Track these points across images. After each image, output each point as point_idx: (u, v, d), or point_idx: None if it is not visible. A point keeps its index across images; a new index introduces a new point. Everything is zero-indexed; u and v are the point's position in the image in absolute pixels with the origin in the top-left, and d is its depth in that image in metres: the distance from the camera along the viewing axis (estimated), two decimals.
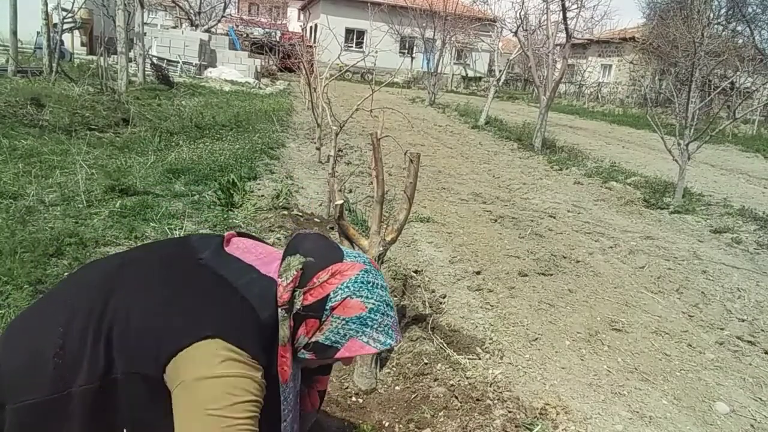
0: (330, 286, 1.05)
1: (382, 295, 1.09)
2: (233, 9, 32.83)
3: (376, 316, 1.06)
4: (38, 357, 1.00)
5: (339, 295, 1.05)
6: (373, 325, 1.06)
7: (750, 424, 2.21)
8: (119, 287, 1.06)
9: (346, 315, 1.05)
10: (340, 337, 1.06)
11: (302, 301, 1.05)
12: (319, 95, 5.71)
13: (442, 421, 1.98)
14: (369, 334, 1.06)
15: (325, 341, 1.06)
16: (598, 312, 3.11)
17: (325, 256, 1.09)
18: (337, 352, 1.07)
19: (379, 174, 2.17)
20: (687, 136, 6.19)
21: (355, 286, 1.06)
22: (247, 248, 1.16)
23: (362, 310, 1.05)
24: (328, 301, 1.04)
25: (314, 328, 1.06)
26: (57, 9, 10.16)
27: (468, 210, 5.14)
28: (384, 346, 1.08)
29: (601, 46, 27.48)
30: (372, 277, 1.09)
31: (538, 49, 11.86)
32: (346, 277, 1.06)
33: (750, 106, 14.50)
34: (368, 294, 1.06)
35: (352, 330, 1.05)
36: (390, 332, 1.09)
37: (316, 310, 1.05)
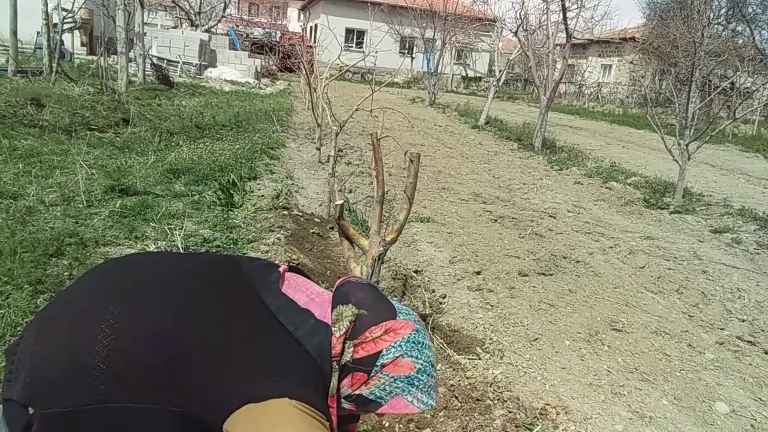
0: (383, 343, 1.06)
1: (429, 356, 1.10)
2: (233, 9, 32.83)
3: (423, 377, 1.08)
4: (77, 365, 0.93)
5: (392, 353, 1.05)
6: (419, 385, 1.07)
7: (750, 424, 2.21)
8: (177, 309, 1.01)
9: (396, 373, 1.05)
10: (386, 394, 1.07)
11: (353, 353, 1.05)
12: (319, 95, 5.71)
13: (442, 421, 1.98)
14: (414, 393, 1.07)
15: (369, 395, 1.07)
16: (598, 312, 3.11)
17: (379, 311, 1.09)
18: (380, 407, 1.08)
19: (379, 174, 2.17)
20: (687, 136, 6.19)
21: (407, 346, 1.07)
22: (299, 287, 1.14)
23: (411, 370, 1.06)
24: (380, 358, 1.05)
25: (361, 382, 1.06)
26: (57, 9, 10.16)
27: (468, 210, 5.14)
28: (426, 406, 1.09)
29: (601, 46, 27.48)
30: (422, 337, 1.10)
31: (538, 49, 11.85)
32: (399, 336, 1.07)
33: (750, 106, 14.50)
34: (418, 354, 1.07)
35: (398, 388, 1.06)
36: (432, 393, 1.10)
37: (367, 364, 1.05)
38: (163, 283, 1.07)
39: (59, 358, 0.95)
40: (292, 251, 3.26)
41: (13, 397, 0.95)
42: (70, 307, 1.04)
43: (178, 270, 1.13)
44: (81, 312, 1.01)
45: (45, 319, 1.04)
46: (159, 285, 1.07)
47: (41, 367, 0.96)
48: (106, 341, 0.94)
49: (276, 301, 1.07)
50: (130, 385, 0.93)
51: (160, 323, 0.99)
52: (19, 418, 0.94)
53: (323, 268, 3.32)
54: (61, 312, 1.04)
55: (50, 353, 0.96)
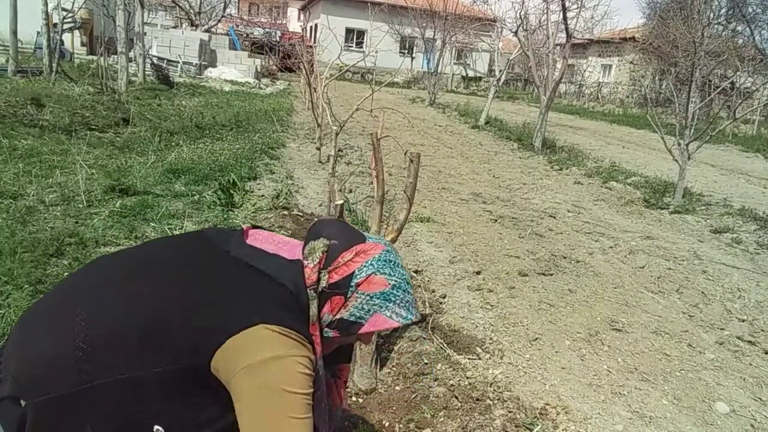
0: (354, 265, 1.10)
1: (402, 274, 1.15)
2: (233, 9, 32.82)
3: (399, 292, 1.12)
4: (60, 350, 0.98)
5: (364, 272, 1.10)
6: (396, 300, 1.12)
7: (750, 424, 2.22)
8: (147, 283, 1.07)
9: (371, 291, 1.10)
10: (365, 313, 1.10)
11: (328, 279, 1.10)
12: (319, 95, 5.71)
13: (442, 421, 1.98)
14: (392, 308, 1.11)
15: (349, 317, 1.11)
16: (598, 312, 3.11)
17: (348, 239, 1.14)
18: (361, 327, 1.11)
19: (379, 174, 2.17)
20: (687, 136, 6.19)
21: (378, 264, 1.11)
22: (266, 239, 1.19)
23: (386, 286, 1.10)
24: (353, 278, 1.09)
25: (339, 305, 1.11)
26: (57, 9, 10.16)
27: (468, 210, 5.14)
28: (405, 320, 1.13)
29: (601, 46, 27.48)
30: (393, 256, 1.15)
31: (538, 49, 11.85)
32: (369, 256, 1.12)
33: (750, 106, 14.50)
34: (391, 271, 1.12)
35: (376, 305, 1.10)
36: (410, 308, 1.15)
37: (342, 287, 1.10)
38: (134, 264, 1.13)
39: (42, 348, 1.00)
40: None
41: (4, 395, 0.98)
42: (49, 304, 1.10)
43: (146, 252, 1.20)
44: (58, 306, 1.07)
45: (26, 318, 1.10)
46: (130, 267, 1.12)
47: (27, 359, 1.00)
48: (84, 323, 0.99)
49: (243, 250, 1.13)
50: (112, 360, 0.97)
51: (132, 296, 1.04)
52: (13, 414, 0.97)
53: None
54: (40, 310, 1.10)
55: (33, 345, 1.01)
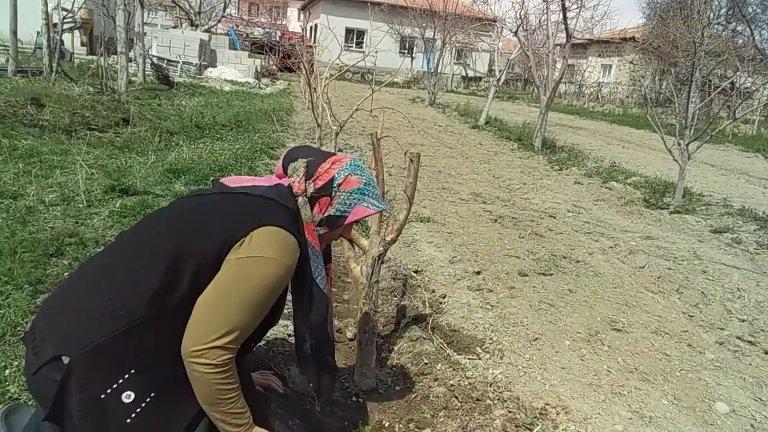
0: (333, 170, 1.38)
1: (369, 175, 1.46)
2: (233, 9, 32.81)
3: (370, 187, 1.42)
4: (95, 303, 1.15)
5: (342, 175, 1.38)
6: (368, 193, 1.42)
7: (750, 424, 2.21)
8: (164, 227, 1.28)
9: (349, 188, 1.38)
10: (347, 207, 1.39)
11: (314, 186, 1.37)
12: (319, 95, 5.71)
13: (442, 421, 1.98)
14: (368, 200, 1.41)
15: (335, 212, 1.38)
16: (598, 312, 3.11)
17: (321, 155, 1.42)
18: (346, 218, 1.39)
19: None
20: (687, 136, 6.18)
21: (352, 168, 1.40)
22: (239, 179, 1.40)
23: (360, 184, 1.40)
24: (335, 181, 1.37)
25: (326, 205, 1.38)
26: (57, 9, 10.16)
27: (468, 210, 5.14)
28: (378, 208, 1.43)
29: (601, 46, 27.47)
30: (359, 163, 1.45)
31: (538, 49, 11.84)
32: (343, 162, 1.40)
33: (750, 106, 14.49)
34: (361, 173, 1.42)
35: (355, 199, 1.39)
36: (380, 200, 1.46)
37: (326, 189, 1.37)
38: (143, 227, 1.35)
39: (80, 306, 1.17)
40: None
41: (47, 358, 1.09)
42: (78, 276, 1.27)
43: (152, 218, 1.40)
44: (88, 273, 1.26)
45: (55, 294, 1.27)
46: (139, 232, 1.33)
47: (66, 318, 1.16)
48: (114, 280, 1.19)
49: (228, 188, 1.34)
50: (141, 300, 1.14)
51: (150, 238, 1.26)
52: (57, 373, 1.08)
53: None
54: (70, 282, 1.28)
55: (72, 306, 1.18)
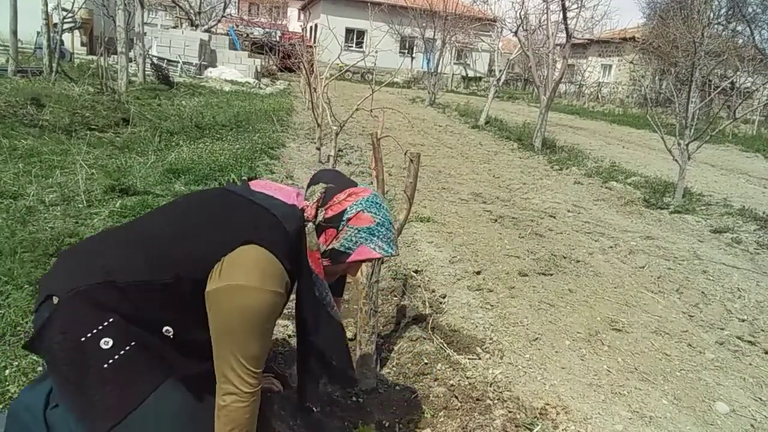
0: (347, 203, 1.31)
1: (386, 215, 1.35)
2: (233, 9, 32.80)
3: (382, 229, 1.32)
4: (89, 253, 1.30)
5: (354, 210, 1.30)
6: (379, 235, 1.32)
7: (750, 424, 2.22)
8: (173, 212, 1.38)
9: (359, 225, 1.30)
10: (353, 244, 1.30)
11: (324, 215, 1.32)
12: (319, 95, 5.71)
13: (442, 421, 1.98)
14: (375, 242, 1.31)
15: (340, 247, 1.31)
16: (598, 312, 3.11)
17: (343, 183, 1.37)
18: (349, 256, 1.31)
19: (379, 174, 2.17)
20: (687, 136, 6.18)
21: (366, 204, 1.32)
22: (267, 185, 1.42)
23: (371, 223, 1.31)
24: (345, 214, 1.30)
25: (332, 237, 1.32)
26: (57, 9, 10.16)
27: (468, 210, 5.14)
28: (386, 253, 1.33)
29: (601, 46, 27.47)
30: (379, 200, 1.36)
31: (538, 49, 11.84)
32: (359, 197, 1.33)
33: (750, 106, 14.50)
34: (377, 211, 1.32)
35: (362, 238, 1.30)
36: (391, 244, 1.35)
37: (335, 221, 1.31)
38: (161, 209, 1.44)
39: (81, 261, 1.28)
40: None
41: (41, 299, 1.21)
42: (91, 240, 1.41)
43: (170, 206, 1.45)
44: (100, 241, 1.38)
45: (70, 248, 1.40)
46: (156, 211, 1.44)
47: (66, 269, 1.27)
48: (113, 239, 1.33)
49: (245, 191, 1.37)
50: (133, 266, 1.23)
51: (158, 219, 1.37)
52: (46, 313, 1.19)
53: None
54: (83, 243, 1.42)
55: (74, 260, 1.29)
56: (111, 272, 1.21)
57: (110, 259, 1.24)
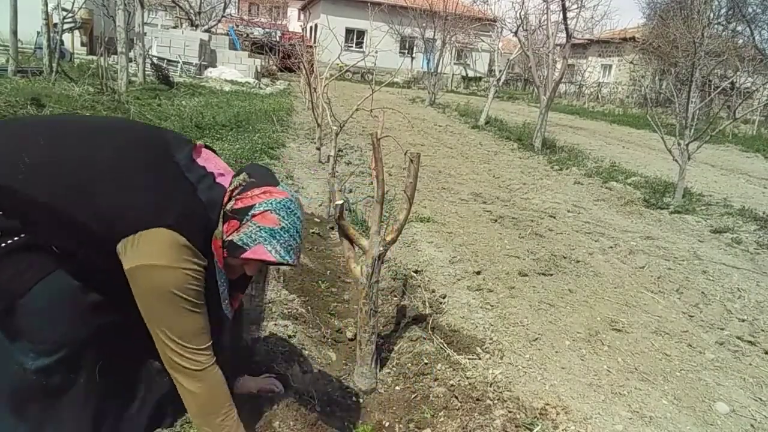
0: (258, 199, 1.29)
1: (295, 223, 1.32)
2: (233, 9, 32.80)
3: (285, 234, 1.29)
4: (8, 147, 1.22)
5: (262, 207, 1.28)
6: (280, 240, 1.29)
7: (750, 424, 2.22)
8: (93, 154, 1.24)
9: (262, 224, 1.27)
10: (251, 241, 1.27)
11: (233, 205, 1.29)
12: (319, 95, 5.71)
13: (442, 421, 1.98)
14: (274, 245, 1.28)
15: (238, 241, 1.28)
16: (598, 312, 3.11)
17: (265, 180, 1.33)
18: (244, 252, 1.28)
19: (379, 174, 2.17)
20: (687, 136, 6.18)
21: (277, 205, 1.29)
22: (210, 159, 1.38)
23: (275, 225, 1.28)
24: (252, 209, 1.28)
25: (233, 229, 1.28)
26: (57, 9, 10.16)
27: (468, 210, 5.14)
28: (282, 259, 1.29)
29: (601, 46, 27.47)
30: (294, 206, 1.33)
31: (538, 49, 11.84)
32: (272, 197, 1.30)
33: (750, 106, 14.49)
34: (285, 215, 1.30)
35: (261, 238, 1.27)
36: (291, 252, 1.31)
37: (240, 214, 1.28)
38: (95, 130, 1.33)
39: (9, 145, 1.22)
40: None
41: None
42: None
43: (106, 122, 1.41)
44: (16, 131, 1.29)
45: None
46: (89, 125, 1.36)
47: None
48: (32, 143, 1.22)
49: (186, 160, 1.31)
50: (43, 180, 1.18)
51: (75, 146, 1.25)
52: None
53: (323, 268, 3.32)
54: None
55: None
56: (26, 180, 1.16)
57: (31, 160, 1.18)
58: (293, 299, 2.63)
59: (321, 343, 2.44)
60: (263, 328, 2.29)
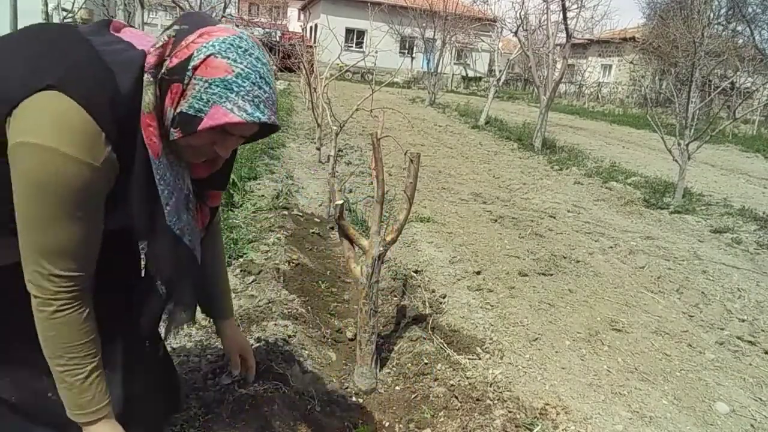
0: (194, 46, 0.95)
1: (255, 65, 0.97)
2: (233, 9, 32.80)
3: (245, 82, 0.95)
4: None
5: (202, 54, 0.94)
6: (240, 91, 0.95)
7: (750, 424, 2.22)
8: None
9: (209, 76, 0.94)
10: (203, 104, 0.95)
11: (167, 65, 0.96)
12: (319, 95, 5.71)
13: (442, 421, 1.98)
14: (234, 100, 0.95)
15: (188, 110, 0.96)
16: (598, 312, 3.11)
17: (200, 23, 0.99)
18: (201, 122, 0.95)
19: (379, 174, 2.17)
20: (687, 136, 6.19)
21: (221, 46, 0.95)
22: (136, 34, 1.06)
23: (227, 73, 0.94)
24: (191, 61, 0.94)
25: (178, 95, 0.96)
26: (57, 9, 10.16)
27: (468, 210, 5.14)
28: (251, 117, 0.96)
29: (601, 46, 27.48)
30: (246, 44, 0.98)
31: (538, 49, 11.85)
32: (212, 37, 0.96)
33: (750, 106, 14.50)
34: (237, 57, 0.95)
35: (215, 95, 0.94)
36: (260, 105, 0.97)
37: (179, 72, 0.95)
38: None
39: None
40: (292, 251, 3.26)
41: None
42: None
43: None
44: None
45: None
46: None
47: None
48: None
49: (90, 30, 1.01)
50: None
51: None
52: None
53: (323, 268, 3.32)
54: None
55: None
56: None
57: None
58: (293, 299, 2.63)
59: (321, 343, 2.44)
60: (263, 327, 2.29)
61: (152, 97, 0.95)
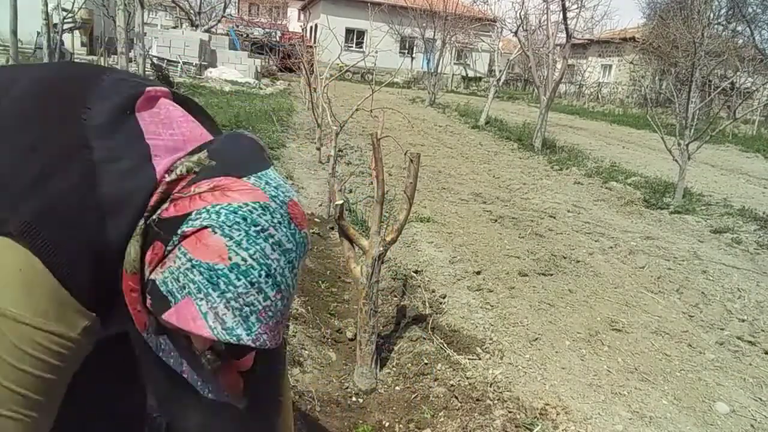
0: (198, 203, 0.66)
1: (268, 256, 0.66)
2: (233, 9, 32.84)
3: (238, 281, 0.64)
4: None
5: (198, 221, 0.65)
6: (226, 292, 0.64)
7: (750, 424, 2.22)
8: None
9: (196, 255, 0.65)
10: (177, 288, 0.66)
11: (163, 211, 0.68)
12: (319, 95, 5.71)
13: (442, 421, 1.98)
14: (213, 302, 0.64)
15: (161, 285, 0.67)
16: (598, 312, 3.11)
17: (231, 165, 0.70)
18: (168, 310, 0.67)
19: (379, 174, 2.17)
20: (687, 136, 6.19)
21: (227, 218, 0.65)
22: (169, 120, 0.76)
23: (220, 260, 0.64)
24: (184, 223, 0.66)
25: (158, 258, 0.68)
26: (57, 9, 10.17)
27: (468, 210, 5.14)
28: (225, 335, 0.65)
29: (601, 46, 27.47)
30: (267, 220, 0.67)
31: (538, 49, 11.84)
32: (225, 200, 0.66)
33: (750, 106, 14.50)
34: (243, 240, 0.65)
35: (194, 284, 0.65)
36: (249, 319, 0.65)
37: (168, 229, 0.67)
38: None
39: None
40: None
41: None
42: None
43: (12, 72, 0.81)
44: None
45: None
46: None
47: None
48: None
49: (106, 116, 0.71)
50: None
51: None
52: None
53: (323, 268, 3.32)
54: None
55: None
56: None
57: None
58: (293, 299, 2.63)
59: (321, 343, 2.44)
60: None
61: (136, 254, 0.68)
